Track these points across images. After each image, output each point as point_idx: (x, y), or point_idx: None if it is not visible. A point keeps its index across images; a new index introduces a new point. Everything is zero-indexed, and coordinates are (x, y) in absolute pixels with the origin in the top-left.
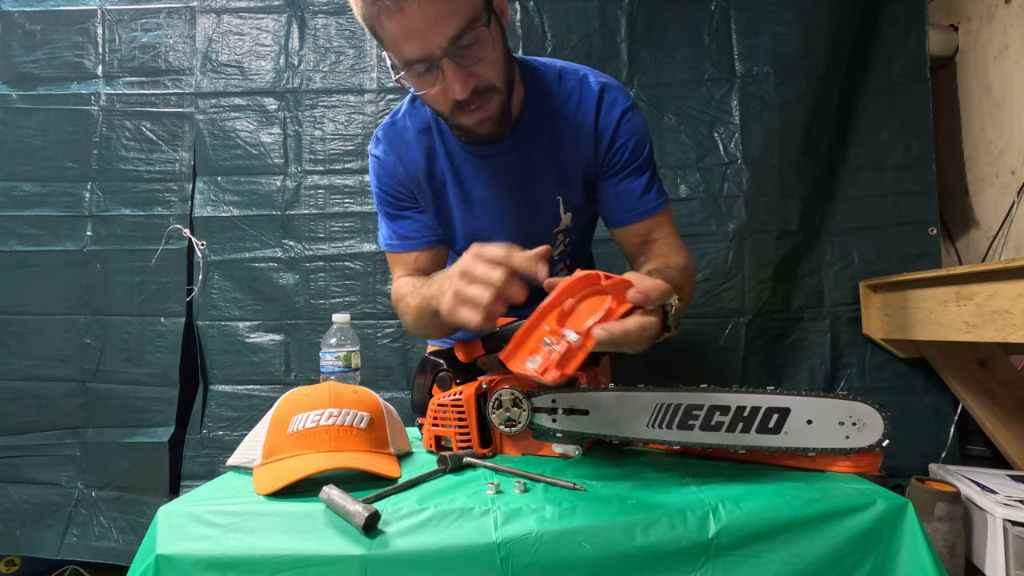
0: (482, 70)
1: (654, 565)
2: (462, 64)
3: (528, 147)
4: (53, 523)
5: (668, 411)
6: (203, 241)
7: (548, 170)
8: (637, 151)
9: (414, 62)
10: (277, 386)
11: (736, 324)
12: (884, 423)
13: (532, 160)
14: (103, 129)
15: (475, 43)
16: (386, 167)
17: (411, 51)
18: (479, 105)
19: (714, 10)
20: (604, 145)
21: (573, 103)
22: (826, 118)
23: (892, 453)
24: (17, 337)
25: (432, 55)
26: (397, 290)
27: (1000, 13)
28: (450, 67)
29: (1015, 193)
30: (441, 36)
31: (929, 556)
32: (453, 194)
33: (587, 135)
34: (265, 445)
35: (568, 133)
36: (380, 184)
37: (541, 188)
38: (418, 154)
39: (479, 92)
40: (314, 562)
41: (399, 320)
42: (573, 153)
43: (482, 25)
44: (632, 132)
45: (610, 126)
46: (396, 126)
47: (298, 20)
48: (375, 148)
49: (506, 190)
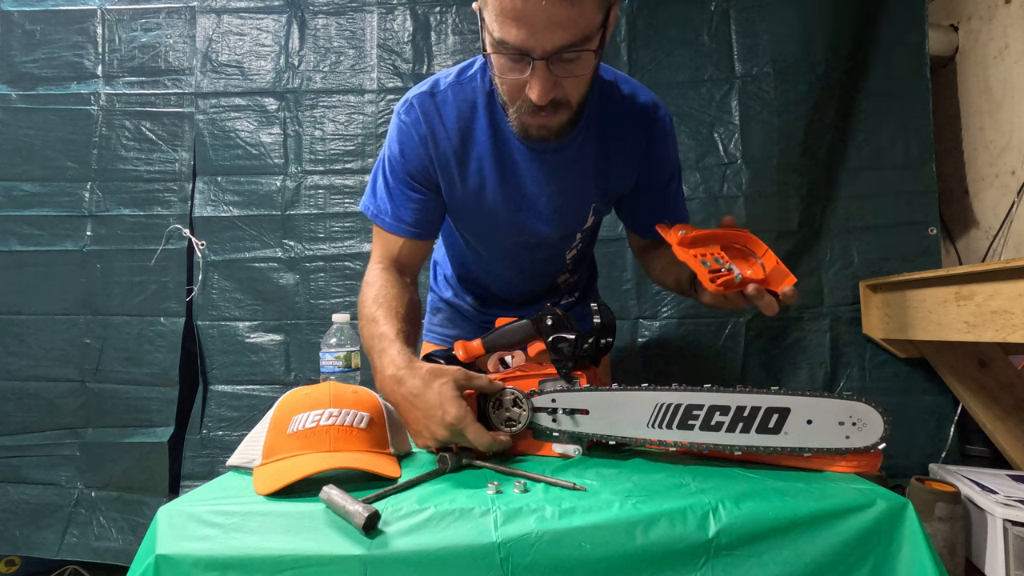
0: (569, 86)
1: (654, 565)
2: (555, 72)
3: (581, 151)
4: (53, 523)
5: (668, 411)
6: (203, 241)
7: (594, 177)
8: (675, 168)
9: (510, 47)
10: (277, 386)
11: (736, 324)
12: (884, 423)
13: (582, 164)
14: (103, 129)
15: (576, 60)
16: (414, 139)
17: (514, 36)
18: (549, 114)
19: (714, 10)
20: (649, 161)
21: (628, 117)
22: (826, 118)
23: (892, 453)
24: (17, 337)
25: (532, 51)
26: (368, 287)
27: (1000, 13)
28: (543, 72)
29: (1015, 193)
30: (550, 40)
31: (929, 556)
32: (491, 178)
33: (638, 151)
34: (265, 445)
35: (619, 146)
36: (402, 153)
37: (583, 193)
38: (453, 132)
39: (555, 104)
40: (314, 562)
41: None
42: (620, 166)
43: (591, 49)
44: (673, 151)
45: (658, 146)
46: (436, 98)
47: (298, 20)
48: (406, 114)
49: (552, 187)
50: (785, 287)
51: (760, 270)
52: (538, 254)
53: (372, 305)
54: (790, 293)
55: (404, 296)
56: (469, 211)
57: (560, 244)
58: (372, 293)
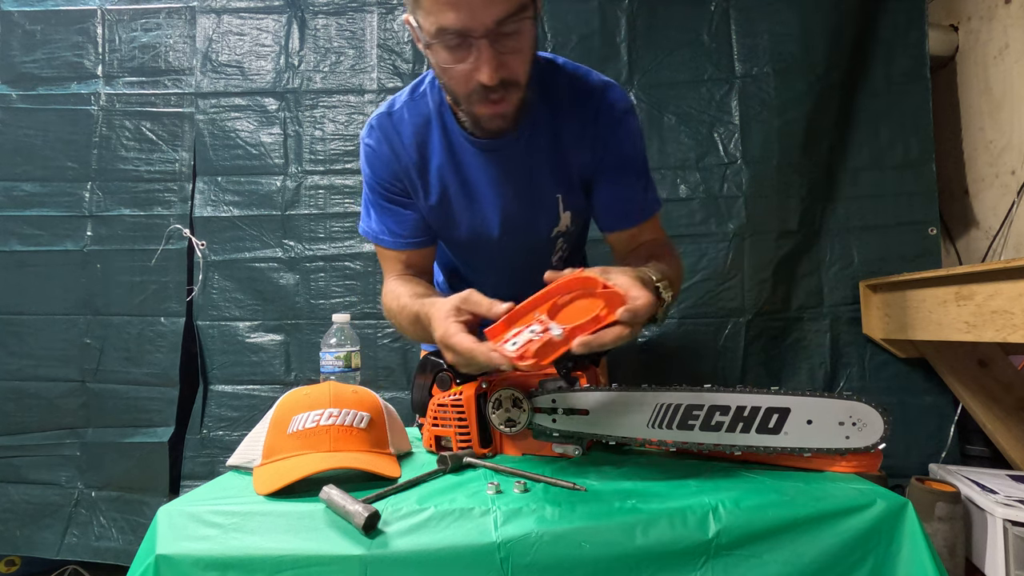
0: (514, 63)
1: (654, 565)
2: (499, 50)
3: (531, 143)
4: (53, 523)
5: (668, 411)
6: (203, 241)
7: (550, 167)
8: (634, 153)
9: (450, 32)
10: (277, 386)
11: (736, 324)
12: (884, 423)
13: (535, 156)
14: (103, 129)
15: (517, 32)
16: (381, 158)
17: (451, 20)
18: (501, 97)
19: (714, 10)
20: (602, 144)
21: (576, 101)
22: (826, 118)
23: (892, 453)
24: (17, 337)
25: (472, 30)
26: (390, 298)
27: (1000, 13)
28: (487, 50)
29: (1015, 193)
30: (489, 15)
31: (929, 556)
32: (454, 186)
33: (588, 134)
34: (265, 445)
35: (570, 131)
36: (374, 174)
37: (542, 185)
38: (411, 148)
39: (505, 84)
40: (314, 562)
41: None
42: (574, 151)
43: (529, 17)
44: (630, 133)
45: (610, 126)
46: (392, 117)
47: (298, 20)
48: (368, 137)
49: (508, 185)
50: (619, 311)
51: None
52: (518, 259)
53: (394, 302)
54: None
55: (420, 284)
56: (441, 222)
57: (539, 245)
58: (391, 297)
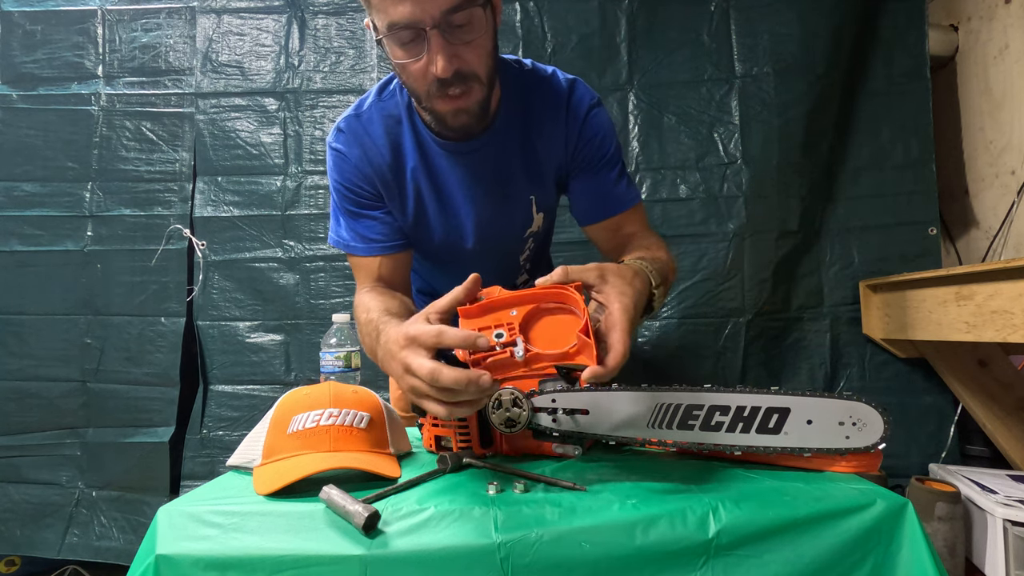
0: (469, 54)
1: (654, 565)
2: (450, 41)
3: (502, 144)
4: (53, 523)
5: (668, 411)
6: (203, 241)
7: (522, 168)
8: (605, 146)
9: (400, 27)
10: (277, 386)
11: (736, 324)
12: (884, 423)
13: (506, 158)
14: (103, 129)
15: (468, 23)
16: (350, 161)
17: (400, 14)
18: (461, 91)
19: (714, 10)
20: (573, 141)
21: (543, 101)
22: (826, 118)
23: (892, 453)
24: (17, 337)
25: (421, 23)
26: (360, 312)
27: (1000, 13)
28: (438, 41)
29: (1015, 193)
30: (436, 5)
31: (929, 556)
32: (427, 190)
33: (558, 132)
34: (265, 445)
35: (539, 131)
36: (343, 179)
37: (515, 186)
38: (384, 148)
39: (462, 77)
40: (314, 562)
41: None
42: (545, 151)
43: (479, 6)
44: (599, 128)
45: (578, 122)
46: (361, 118)
47: (298, 20)
48: (336, 141)
49: (480, 188)
50: (584, 374)
51: (570, 327)
52: (489, 263)
53: (363, 314)
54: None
55: (394, 298)
56: (415, 224)
57: (511, 247)
58: (361, 309)
